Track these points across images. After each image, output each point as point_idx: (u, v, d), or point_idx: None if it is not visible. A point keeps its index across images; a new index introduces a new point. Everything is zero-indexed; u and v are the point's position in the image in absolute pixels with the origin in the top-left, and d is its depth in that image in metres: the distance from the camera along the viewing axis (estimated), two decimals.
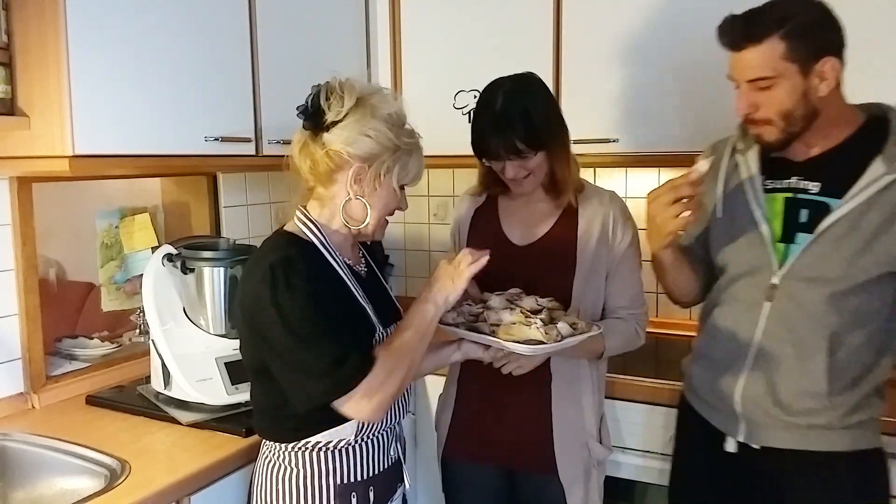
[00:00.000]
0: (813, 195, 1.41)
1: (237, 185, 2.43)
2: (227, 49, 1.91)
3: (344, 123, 1.30)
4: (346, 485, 1.34)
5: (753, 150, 1.50)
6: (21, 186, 1.81)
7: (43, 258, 2.13)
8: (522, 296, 1.50)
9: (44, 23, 1.51)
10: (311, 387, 1.23)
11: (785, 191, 1.45)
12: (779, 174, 1.47)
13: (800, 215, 1.42)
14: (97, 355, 2.08)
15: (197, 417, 1.70)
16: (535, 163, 1.57)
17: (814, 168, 1.43)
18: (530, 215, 1.68)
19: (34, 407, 1.85)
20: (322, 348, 1.22)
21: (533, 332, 1.33)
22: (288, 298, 1.22)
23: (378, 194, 1.35)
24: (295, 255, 1.27)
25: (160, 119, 1.72)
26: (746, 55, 1.35)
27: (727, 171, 1.55)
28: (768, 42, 1.32)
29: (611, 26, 2.15)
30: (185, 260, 1.84)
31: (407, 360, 1.28)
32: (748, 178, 1.49)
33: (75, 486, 1.54)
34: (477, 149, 1.60)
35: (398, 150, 1.33)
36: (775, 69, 1.33)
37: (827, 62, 1.33)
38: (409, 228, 2.98)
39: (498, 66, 1.76)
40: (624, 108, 2.14)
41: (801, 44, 1.32)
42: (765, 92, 1.36)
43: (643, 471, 2.00)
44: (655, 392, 1.95)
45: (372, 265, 1.52)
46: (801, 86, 1.34)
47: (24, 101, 1.57)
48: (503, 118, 1.53)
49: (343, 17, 2.37)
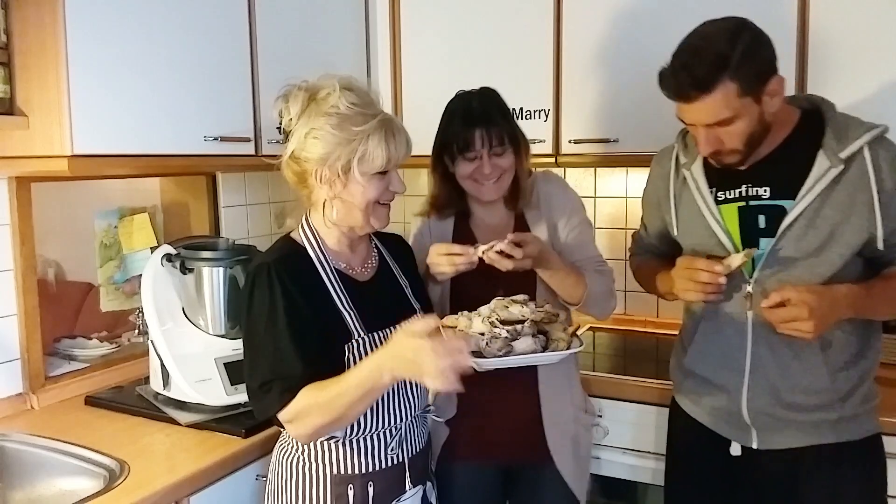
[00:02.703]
0: (766, 200, 1.44)
1: (236, 184, 2.43)
2: (226, 48, 1.90)
3: (295, 128, 1.34)
4: (342, 476, 1.37)
5: (698, 163, 1.51)
6: (20, 186, 1.80)
7: (42, 258, 2.12)
8: (528, 303, 1.48)
9: (43, 22, 1.51)
10: (251, 403, 1.37)
11: (737, 200, 1.47)
12: (727, 184, 1.48)
13: (758, 221, 1.44)
14: (96, 356, 2.08)
15: (196, 418, 1.70)
16: (508, 162, 1.62)
17: (760, 173, 1.44)
18: (493, 226, 1.71)
19: (33, 407, 1.84)
20: (257, 370, 1.30)
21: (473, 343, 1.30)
22: (247, 310, 1.32)
23: (350, 189, 1.34)
24: (271, 264, 1.32)
25: (159, 119, 1.71)
26: (699, 105, 1.34)
27: (676, 186, 1.57)
28: (720, 87, 1.31)
29: (611, 26, 2.14)
30: (185, 260, 1.84)
31: (329, 413, 1.24)
32: (698, 193, 1.50)
33: (74, 487, 1.53)
34: (448, 152, 1.62)
35: (351, 141, 1.30)
36: (734, 109, 1.33)
37: (773, 81, 1.35)
38: (409, 228, 2.95)
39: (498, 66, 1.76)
40: (624, 108, 2.14)
41: (749, 76, 1.32)
42: (726, 128, 1.36)
43: (640, 471, 2.00)
44: (655, 392, 1.94)
45: (389, 264, 1.51)
46: (758, 111, 1.36)
47: (22, 100, 1.57)
48: (485, 113, 1.60)
49: (343, 17, 2.37)
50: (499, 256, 1.45)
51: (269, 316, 1.29)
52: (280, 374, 1.27)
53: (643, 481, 2.01)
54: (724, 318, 1.50)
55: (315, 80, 1.36)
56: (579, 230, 1.70)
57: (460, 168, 1.63)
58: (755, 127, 1.37)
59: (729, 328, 1.49)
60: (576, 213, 1.71)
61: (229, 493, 1.55)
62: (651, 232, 1.72)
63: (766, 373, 1.45)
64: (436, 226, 1.76)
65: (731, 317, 1.48)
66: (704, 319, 1.55)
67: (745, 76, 1.31)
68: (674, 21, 2.05)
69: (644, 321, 2.56)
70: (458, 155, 1.61)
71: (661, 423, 1.87)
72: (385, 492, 1.40)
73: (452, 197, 1.71)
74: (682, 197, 1.55)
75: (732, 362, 1.49)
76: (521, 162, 1.65)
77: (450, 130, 1.63)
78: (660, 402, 1.90)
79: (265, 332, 1.29)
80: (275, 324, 1.28)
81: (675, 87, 1.36)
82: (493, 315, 1.38)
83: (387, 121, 1.34)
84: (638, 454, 2.00)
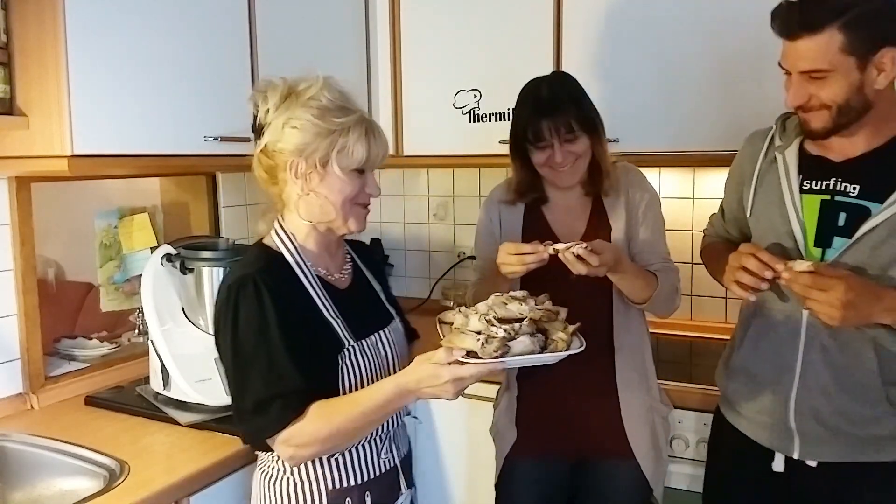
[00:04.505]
0: (852, 198, 1.35)
1: (236, 184, 2.43)
2: (226, 48, 1.90)
3: (272, 120, 1.28)
4: (339, 490, 1.31)
5: (793, 148, 1.43)
6: (20, 186, 1.80)
7: (42, 258, 2.12)
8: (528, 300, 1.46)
9: (43, 23, 1.51)
10: (237, 425, 1.28)
11: (822, 192, 1.38)
12: (817, 174, 1.40)
13: (838, 218, 1.36)
14: (96, 356, 2.08)
15: (196, 418, 1.69)
16: (582, 147, 1.60)
17: (854, 169, 1.36)
18: (568, 213, 1.71)
19: (33, 407, 1.84)
20: (249, 389, 1.22)
21: (469, 343, 1.23)
22: (232, 326, 1.23)
23: (326, 184, 1.28)
24: (255, 276, 1.24)
25: (159, 119, 1.71)
26: (801, 45, 1.27)
27: (762, 167, 1.49)
28: (826, 32, 1.24)
29: (611, 26, 2.14)
30: (185, 260, 1.83)
31: (342, 434, 1.22)
32: (785, 177, 1.42)
33: (74, 487, 1.53)
34: (523, 137, 1.61)
35: (331, 133, 1.26)
36: (832, 62, 1.26)
37: (887, 53, 1.26)
38: (409, 228, 2.97)
39: (498, 66, 1.76)
40: (624, 108, 2.14)
41: (861, 35, 1.24)
42: (818, 83, 1.29)
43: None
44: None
45: (362, 270, 1.47)
46: (858, 79, 1.27)
47: (22, 100, 1.57)
48: (552, 101, 1.58)
49: (343, 17, 2.37)
50: (574, 258, 1.44)
51: (259, 330, 1.21)
52: (279, 392, 1.20)
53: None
54: (778, 315, 1.43)
55: (294, 77, 1.32)
56: (654, 225, 1.70)
57: (534, 157, 1.63)
58: (851, 94, 1.28)
59: (782, 327, 1.42)
60: (652, 207, 1.71)
61: (229, 493, 1.55)
62: (727, 215, 1.65)
63: (818, 376, 1.38)
64: (506, 212, 1.75)
65: (786, 315, 1.41)
66: (757, 317, 1.48)
67: (856, 33, 1.24)
68: (674, 21, 2.08)
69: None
70: (530, 145, 1.61)
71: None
72: (382, 498, 1.37)
73: (534, 182, 1.70)
74: (766, 178, 1.47)
75: (783, 362, 1.41)
76: (599, 144, 1.64)
77: (520, 120, 1.62)
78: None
79: (256, 348, 1.21)
80: (267, 338, 1.21)
81: (785, 20, 1.30)
82: (491, 312, 1.36)
83: (367, 119, 1.31)
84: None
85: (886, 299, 1.27)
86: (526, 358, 1.28)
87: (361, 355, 1.32)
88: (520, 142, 1.64)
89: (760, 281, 1.31)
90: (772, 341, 1.45)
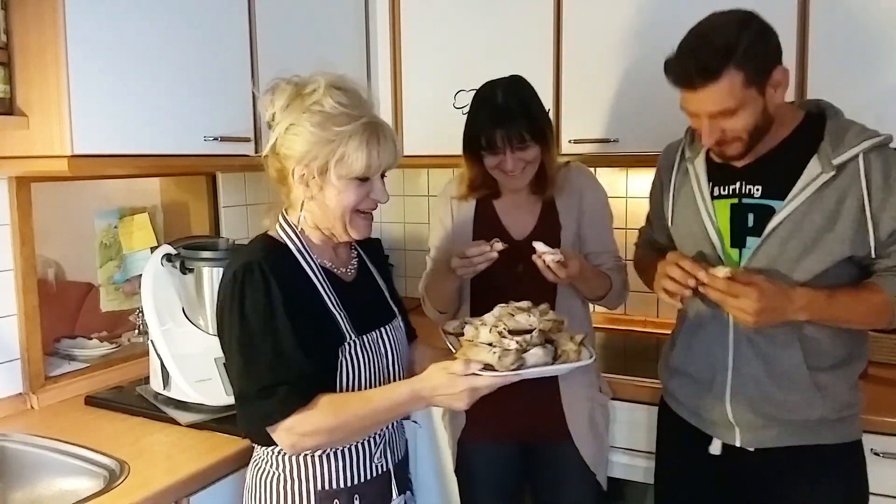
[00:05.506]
0: (757, 199, 1.44)
1: (236, 184, 2.43)
2: (226, 48, 1.90)
3: (276, 123, 1.29)
4: (327, 491, 1.30)
5: (700, 157, 1.52)
6: (20, 186, 1.80)
7: (42, 258, 2.12)
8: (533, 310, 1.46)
9: (43, 22, 1.51)
10: (239, 411, 1.27)
11: (731, 196, 1.47)
12: (724, 180, 1.48)
13: (747, 220, 1.45)
14: (96, 356, 2.08)
15: (196, 418, 1.70)
16: (532, 154, 1.67)
17: (756, 171, 1.45)
18: (518, 209, 1.79)
19: (33, 407, 1.84)
20: (254, 374, 1.22)
21: (484, 356, 1.24)
22: (238, 311, 1.22)
23: (327, 192, 1.27)
24: (261, 261, 1.23)
25: (159, 119, 1.71)
26: (705, 93, 1.33)
27: (677, 179, 1.58)
28: (725, 76, 1.30)
29: (611, 26, 2.15)
30: (185, 260, 1.83)
31: (348, 429, 1.24)
32: (697, 186, 1.52)
33: (74, 487, 1.53)
34: (476, 144, 1.67)
35: (330, 141, 1.24)
36: (738, 99, 1.32)
37: (778, 70, 1.35)
38: (409, 228, 2.97)
39: (498, 66, 1.76)
40: (624, 108, 2.14)
41: (755, 66, 1.32)
42: (728, 118, 1.35)
43: (635, 470, 2.00)
44: (649, 392, 1.93)
45: (368, 266, 1.47)
46: (762, 103, 1.35)
47: (22, 100, 1.57)
48: (506, 110, 1.63)
49: (343, 17, 2.37)
50: (545, 266, 1.54)
51: (265, 316, 1.20)
52: (284, 377, 1.20)
53: (638, 480, 2.00)
54: (706, 315, 1.51)
55: (306, 75, 1.31)
56: (602, 224, 1.81)
57: (486, 160, 1.69)
58: (758, 119, 1.36)
59: (711, 325, 1.50)
60: (603, 207, 1.82)
61: (229, 493, 1.55)
62: (655, 224, 1.74)
63: (749, 368, 1.46)
64: (458, 207, 1.83)
65: (713, 313, 1.48)
66: (688, 318, 1.57)
67: (750, 66, 1.31)
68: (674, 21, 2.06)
69: (644, 321, 2.57)
70: (483, 150, 1.67)
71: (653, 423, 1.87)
72: (373, 503, 1.35)
73: (486, 179, 1.76)
74: (682, 189, 1.57)
75: (715, 360, 1.50)
76: (548, 152, 1.70)
77: (474, 126, 1.69)
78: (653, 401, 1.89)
79: (262, 333, 1.20)
80: (273, 324, 1.21)
81: (681, 73, 1.35)
82: (500, 324, 1.36)
83: (373, 125, 1.27)
84: (633, 453, 2.00)
85: (797, 300, 1.35)
86: (540, 370, 1.30)
87: (362, 350, 1.32)
88: (473, 145, 1.69)
89: (684, 288, 1.39)
90: (703, 340, 1.53)
